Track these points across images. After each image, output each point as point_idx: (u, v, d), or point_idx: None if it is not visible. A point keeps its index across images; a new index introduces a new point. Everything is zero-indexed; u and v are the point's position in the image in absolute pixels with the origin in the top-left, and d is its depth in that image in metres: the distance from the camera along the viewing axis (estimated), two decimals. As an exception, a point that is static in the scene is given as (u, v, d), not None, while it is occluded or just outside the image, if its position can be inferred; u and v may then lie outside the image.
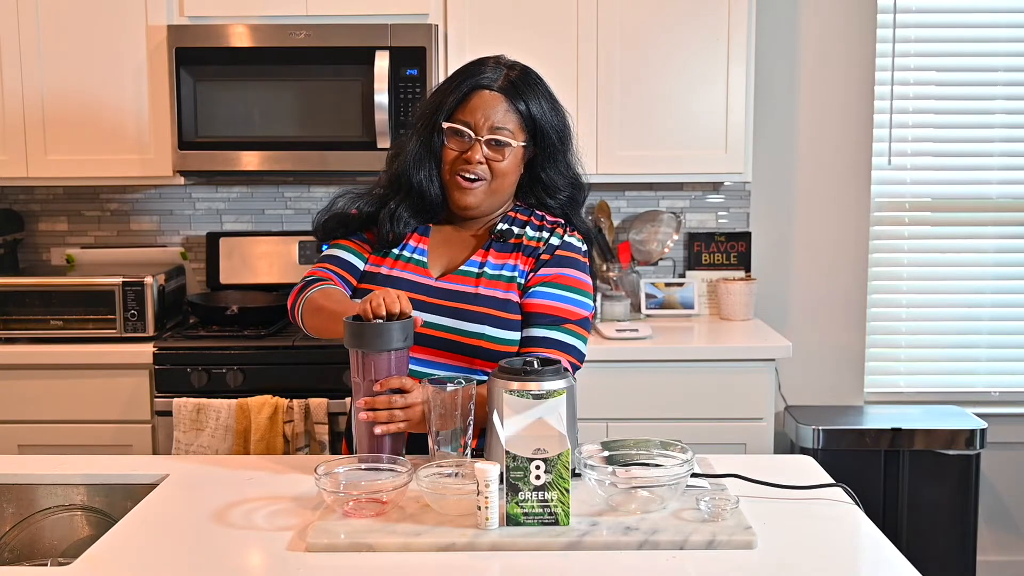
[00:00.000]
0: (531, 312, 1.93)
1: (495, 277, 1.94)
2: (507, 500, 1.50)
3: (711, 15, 3.21)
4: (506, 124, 1.92)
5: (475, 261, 1.97)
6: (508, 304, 1.92)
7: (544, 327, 1.91)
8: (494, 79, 1.92)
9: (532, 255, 1.97)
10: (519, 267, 1.96)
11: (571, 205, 2.03)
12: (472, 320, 1.90)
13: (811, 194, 3.63)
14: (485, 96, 1.92)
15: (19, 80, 3.20)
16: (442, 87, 1.98)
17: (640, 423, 3.00)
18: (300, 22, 3.17)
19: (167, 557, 1.48)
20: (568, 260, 1.97)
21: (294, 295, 1.98)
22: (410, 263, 1.98)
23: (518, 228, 2.00)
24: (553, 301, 1.93)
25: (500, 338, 1.90)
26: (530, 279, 1.95)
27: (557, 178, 2.00)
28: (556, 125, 1.97)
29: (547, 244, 1.97)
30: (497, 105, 1.91)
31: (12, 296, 3.11)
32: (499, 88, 1.92)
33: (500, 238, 1.98)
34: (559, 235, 1.98)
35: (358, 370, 1.74)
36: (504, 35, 3.20)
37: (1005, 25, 3.63)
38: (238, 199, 3.62)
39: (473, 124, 1.92)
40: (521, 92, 1.93)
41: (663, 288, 3.54)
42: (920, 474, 3.29)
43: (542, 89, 1.96)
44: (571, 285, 1.95)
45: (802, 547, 1.49)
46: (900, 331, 3.74)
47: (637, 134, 3.26)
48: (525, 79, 1.94)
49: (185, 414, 2.91)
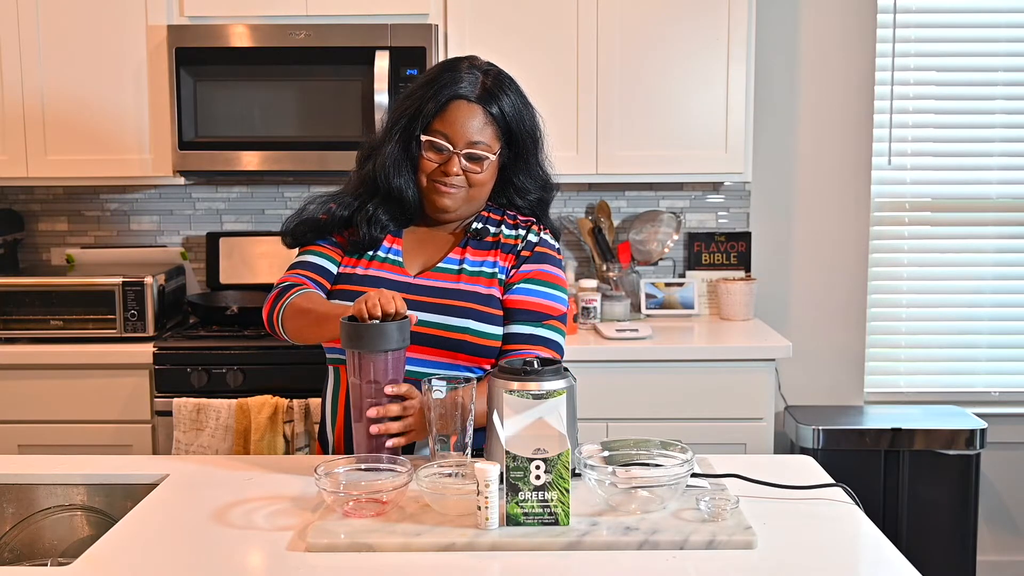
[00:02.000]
0: (514, 308, 1.96)
1: (475, 273, 1.97)
2: (507, 500, 1.50)
3: (711, 15, 3.21)
4: (483, 137, 1.93)
5: (453, 259, 1.99)
6: (491, 299, 1.95)
7: (527, 323, 1.95)
8: (471, 89, 1.92)
9: (511, 252, 2.00)
10: (499, 263, 1.98)
11: (540, 205, 2.07)
12: (456, 315, 1.91)
13: (811, 194, 3.63)
14: (463, 107, 1.92)
15: (19, 80, 3.20)
16: (419, 92, 1.96)
17: (640, 423, 3.00)
18: (300, 22, 3.17)
19: (167, 557, 1.48)
20: (547, 257, 2.01)
21: (270, 302, 1.97)
22: (386, 263, 1.99)
23: (493, 227, 2.03)
24: (536, 297, 1.96)
25: (484, 332, 1.92)
26: (512, 275, 1.98)
27: (528, 181, 2.03)
28: (529, 128, 1.99)
29: (526, 241, 2.01)
30: (475, 117, 1.92)
31: (12, 296, 3.10)
32: (476, 98, 1.92)
33: (476, 236, 2.01)
34: (535, 232, 2.02)
35: (356, 371, 1.74)
36: (504, 35, 3.20)
37: (1005, 25, 3.63)
38: (238, 199, 3.62)
39: (451, 137, 1.92)
40: (497, 99, 1.94)
41: (663, 288, 3.54)
42: (920, 474, 3.29)
43: (516, 93, 1.98)
44: (551, 281, 1.99)
45: (802, 547, 1.49)
46: (900, 331, 3.74)
47: (637, 134, 3.26)
48: (500, 85, 1.95)
49: (185, 414, 2.91)
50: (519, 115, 1.96)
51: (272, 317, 1.97)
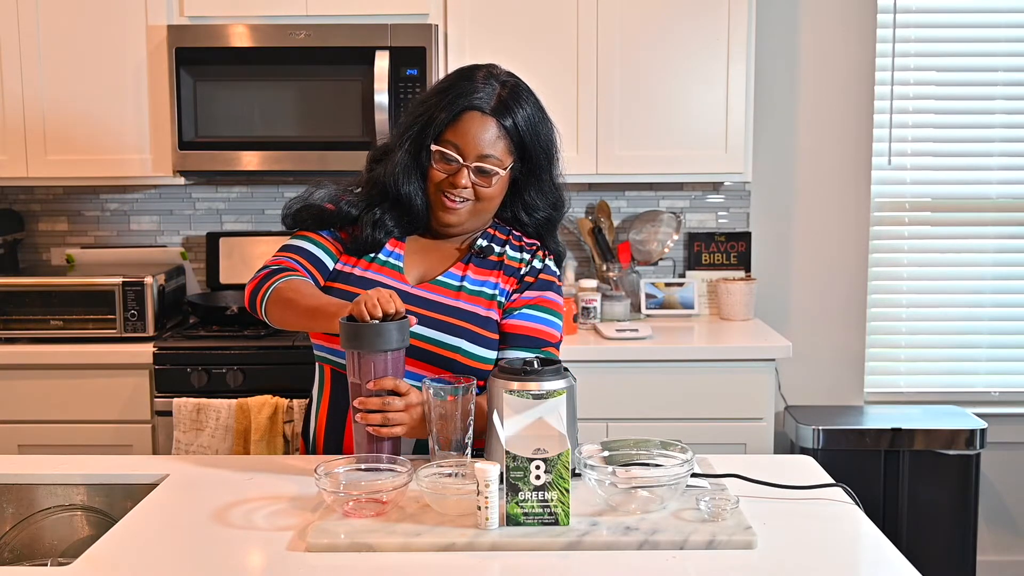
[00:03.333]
0: (513, 333, 1.93)
1: (476, 293, 1.94)
2: (507, 500, 1.50)
3: (711, 15, 3.21)
4: (494, 151, 1.89)
5: (454, 274, 1.96)
6: (488, 322, 1.92)
7: (525, 349, 1.92)
8: (487, 100, 1.88)
9: (514, 275, 1.97)
10: (500, 285, 1.95)
11: (547, 225, 2.03)
12: (450, 332, 1.88)
13: (811, 194, 3.63)
14: (476, 119, 1.88)
15: (19, 80, 3.20)
16: (433, 99, 1.92)
17: (640, 423, 3.00)
18: (300, 22, 3.17)
19: (167, 557, 1.48)
20: (550, 285, 1.99)
21: (256, 282, 1.91)
22: (385, 266, 1.96)
23: (498, 246, 1.99)
24: (537, 324, 1.94)
25: (476, 354, 1.89)
26: (514, 300, 1.95)
27: (539, 198, 1.99)
28: (545, 144, 1.94)
29: (530, 267, 1.98)
30: (487, 130, 1.88)
31: (12, 296, 3.11)
32: (491, 110, 1.88)
33: (480, 254, 1.98)
34: (540, 258, 2.00)
35: (355, 371, 1.74)
36: (504, 35, 3.20)
37: (1005, 25, 3.63)
38: (238, 199, 3.62)
39: (462, 148, 1.88)
40: (512, 112, 1.89)
41: (663, 288, 3.54)
42: (920, 474, 3.29)
43: (533, 106, 1.93)
44: (552, 308, 1.97)
45: (802, 547, 1.49)
46: (900, 331, 3.74)
47: (637, 134, 3.26)
48: (516, 97, 1.90)
49: (185, 414, 2.91)
50: (534, 130, 1.91)
51: (256, 298, 1.90)
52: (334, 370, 1.93)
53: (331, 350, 1.91)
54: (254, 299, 1.90)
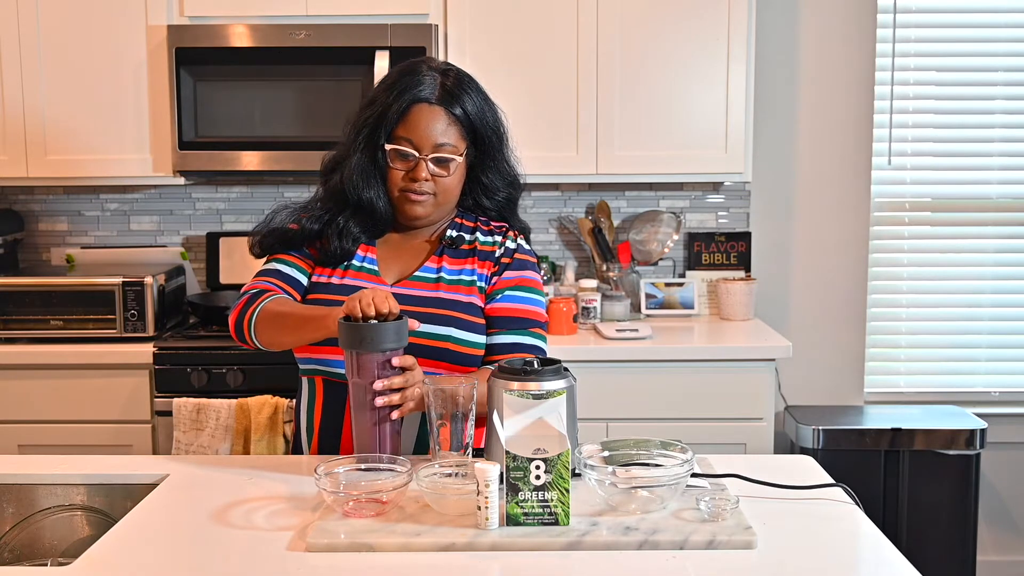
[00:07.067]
0: (500, 316, 1.95)
1: (455, 282, 1.96)
2: (507, 500, 1.50)
3: (711, 15, 3.21)
4: (448, 139, 1.91)
5: (430, 267, 1.97)
6: (472, 307, 1.94)
7: (513, 332, 1.95)
8: (431, 91, 1.91)
9: (489, 259, 1.99)
10: (477, 271, 1.98)
11: (508, 205, 2.05)
12: (438, 323, 1.89)
13: (811, 194, 3.63)
14: (424, 111, 1.91)
15: (19, 80, 3.20)
16: (380, 98, 1.94)
17: (640, 423, 3.00)
18: (300, 22, 3.17)
19: (167, 557, 1.48)
20: (527, 263, 2.02)
21: (239, 308, 1.92)
22: (361, 272, 1.97)
23: (468, 234, 2.02)
24: (521, 304, 1.97)
25: (466, 340, 1.91)
26: (495, 283, 1.98)
27: (496, 178, 2.01)
28: (493, 125, 1.97)
29: (504, 248, 2.00)
30: (438, 119, 1.91)
31: (12, 296, 3.11)
32: (437, 100, 1.91)
33: (452, 244, 2.00)
34: (512, 238, 2.02)
35: (355, 371, 1.74)
36: (504, 35, 3.20)
37: (1005, 25, 3.63)
38: (238, 199, 3.62)
39: (416, 142, 1.91)
40: (458, 99, 1.92)
41: (663, 288, 3.54)
42: (920, 474, 3.29)
43: (476, 91, 1.96)
44: (534, 287, 2.01)
45: (802, 547, 1.49)
46: (900, 331, 3.74)
47: (637, 134, 3.26)
48: (460, 85, 1.94)
49: (185, 414, 2.91)
50: (481, 113, 1.95)
51: (242, 323, 1.91)
52: (327, 380, 1.94)
53: (322, 360, 1.92)
54: (240, 325, 1.92)
